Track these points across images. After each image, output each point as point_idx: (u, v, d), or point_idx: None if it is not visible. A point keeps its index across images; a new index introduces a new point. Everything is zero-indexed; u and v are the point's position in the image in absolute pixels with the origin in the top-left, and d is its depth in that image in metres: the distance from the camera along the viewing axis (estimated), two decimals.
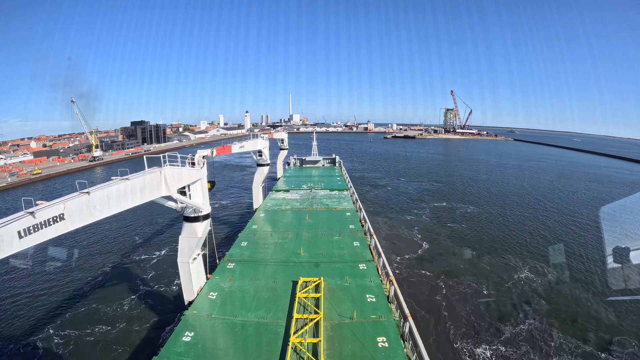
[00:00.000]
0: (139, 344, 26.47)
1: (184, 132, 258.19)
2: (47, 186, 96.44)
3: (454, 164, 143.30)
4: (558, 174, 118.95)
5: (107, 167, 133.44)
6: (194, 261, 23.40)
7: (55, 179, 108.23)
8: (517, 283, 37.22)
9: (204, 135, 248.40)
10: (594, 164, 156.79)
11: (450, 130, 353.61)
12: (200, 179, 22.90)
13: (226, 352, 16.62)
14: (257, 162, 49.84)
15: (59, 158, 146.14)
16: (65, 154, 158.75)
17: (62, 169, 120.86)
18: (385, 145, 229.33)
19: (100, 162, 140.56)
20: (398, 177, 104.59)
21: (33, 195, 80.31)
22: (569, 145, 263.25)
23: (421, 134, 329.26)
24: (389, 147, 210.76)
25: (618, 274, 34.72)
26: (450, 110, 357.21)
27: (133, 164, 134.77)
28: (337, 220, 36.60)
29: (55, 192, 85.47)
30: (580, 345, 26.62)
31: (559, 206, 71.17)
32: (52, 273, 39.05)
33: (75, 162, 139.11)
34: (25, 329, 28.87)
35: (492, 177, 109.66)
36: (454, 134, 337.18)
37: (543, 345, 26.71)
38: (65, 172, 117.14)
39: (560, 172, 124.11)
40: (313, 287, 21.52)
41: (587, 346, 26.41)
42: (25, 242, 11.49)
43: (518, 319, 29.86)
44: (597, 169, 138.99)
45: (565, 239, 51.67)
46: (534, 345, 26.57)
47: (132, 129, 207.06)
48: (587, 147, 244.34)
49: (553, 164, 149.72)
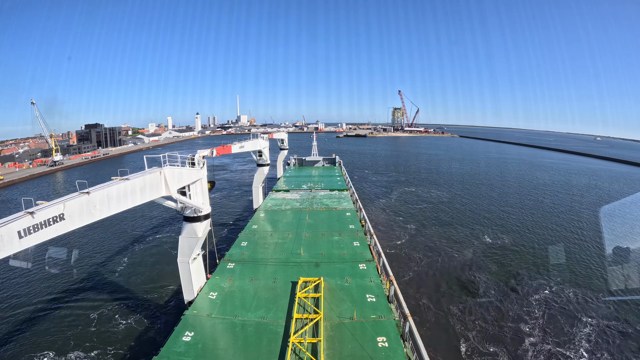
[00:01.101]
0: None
1: (134, 135, 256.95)
2: (11, 192, 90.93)
3: (409, 158, 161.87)
4: (489, 163, 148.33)
5: (70, 171, 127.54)
6: (194, 261, 23.41)
7: (18, 185, 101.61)
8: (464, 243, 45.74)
9: (157, 138, 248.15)
10: (529, 154, 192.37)
11: (398, 128, 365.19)
12: (200, 179, 22.92)
13: (226, 352, 16.62)
14: (257, 162, 49.85)
15: (14, 164, 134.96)
16: (20, 159, 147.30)
17: (23, 174, 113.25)
18: (339, 144, 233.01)
19: (61, 167, 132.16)
20: (362, 170, 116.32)
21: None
22: (507, 140, 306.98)
23: (372, 133, 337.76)
24: (343, 146, 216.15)
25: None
26: (398, 110, 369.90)
27: (97, 168, 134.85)
28: (337, 220, 36.61)
29: (22, 197, 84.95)
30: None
31: (494, 186, 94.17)
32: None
33: (34, 168, 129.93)
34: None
35: (441, 167, 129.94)
36: (403, 132, 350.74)
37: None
38: (28, 178, 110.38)
39: (490, 162, 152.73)
40: (313, 287, 21.53)
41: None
42: (25, 242, 11.49)
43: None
44: (530, 158, 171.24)
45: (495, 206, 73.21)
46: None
47: (86, 132, 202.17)
48: (524, 142, 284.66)
49: (489, 156, 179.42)
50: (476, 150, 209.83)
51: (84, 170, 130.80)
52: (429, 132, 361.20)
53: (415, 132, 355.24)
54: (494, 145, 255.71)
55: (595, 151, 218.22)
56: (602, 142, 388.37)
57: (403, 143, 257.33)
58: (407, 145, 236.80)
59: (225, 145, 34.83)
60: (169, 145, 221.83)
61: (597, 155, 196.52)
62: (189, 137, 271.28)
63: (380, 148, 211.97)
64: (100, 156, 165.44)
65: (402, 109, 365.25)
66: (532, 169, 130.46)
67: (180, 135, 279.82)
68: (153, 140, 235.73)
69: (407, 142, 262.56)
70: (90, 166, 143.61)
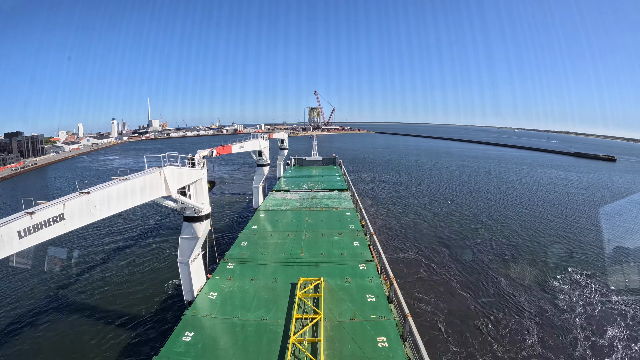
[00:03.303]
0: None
1: (47, 144, 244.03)
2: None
3: (325, 153, 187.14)
4: (394, 152, 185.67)
5: (1, 184, 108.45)
6: (194, 261, 23.40)
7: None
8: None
9: (77, 146, 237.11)
10: (444, 146, 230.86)
11: (315, 127, 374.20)
12: (200, 179, 22.92)
13: (226, 352, 16.62)
14: (257, 162, 49.86)
15: None
16: None
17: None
18: (272, 143, 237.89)
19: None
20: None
21: None
22: (425, 134, 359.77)
23: (293, 132, 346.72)
24: (274, 144, 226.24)
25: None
26: (314, 109, 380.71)
27: (23, 181, 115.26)
28: (337, 220, 36.61)
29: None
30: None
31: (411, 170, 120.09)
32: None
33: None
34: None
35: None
36: (321, 131, 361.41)
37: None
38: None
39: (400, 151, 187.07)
40: (313, 287, 21.53)
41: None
42: (25, 242, 11.49)
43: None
44: (445, 149, 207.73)
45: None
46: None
47: (7, 141, 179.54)
48: (442, 136, 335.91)
49: (398, 148, 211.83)
50: (395, 145, 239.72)
51: (14, 183, 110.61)
52: (345, 130, 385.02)
53: (332, 130, 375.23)
54: (413, 139, 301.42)
55: (499, 140, 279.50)
56: (519, 134, 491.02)
57: (320, 140, 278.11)
58: (324, 142, 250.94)
59: (225, 145, 34.88)
60: (92, 152, 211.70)
61: (494, 143, 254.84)
62: (109, 144, 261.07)
63: (304, 145, 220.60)
64: (29, 167, 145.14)
65: (319, 109, 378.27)
66: (436, 156, 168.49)
67: (100, 143, 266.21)
68: (74, 149, 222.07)
69: (324, 140, 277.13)
70: (16, 180, 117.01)
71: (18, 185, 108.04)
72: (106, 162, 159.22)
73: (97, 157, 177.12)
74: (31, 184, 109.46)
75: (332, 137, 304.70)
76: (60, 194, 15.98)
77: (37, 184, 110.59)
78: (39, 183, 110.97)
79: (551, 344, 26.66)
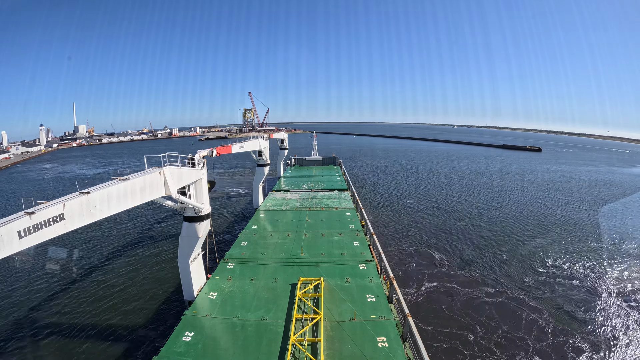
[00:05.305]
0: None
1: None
2: None
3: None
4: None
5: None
6: (194, 261, 23.39)
7: None
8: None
9: (7, 155, 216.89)
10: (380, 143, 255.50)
11: (250, 129, 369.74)
12: (200, 179, 22.92)
13: (226, 352, 16.62)
14: (257, 162, 49.86)
15: None
16: None
17: None
18: (209, 145, 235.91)
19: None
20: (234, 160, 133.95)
21: None
22: (366, 132, 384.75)
23: (231, 134, 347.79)
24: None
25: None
26: (248, 110, 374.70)
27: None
28: (337, 220, 36.59)
29: None
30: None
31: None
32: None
33: None
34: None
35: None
36: (257, 132, 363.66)
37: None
38: None
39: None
40: (313, 287, 21.52)
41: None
42: (25, 242, 11.49)
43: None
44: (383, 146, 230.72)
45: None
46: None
47: None
48: (380, 134, 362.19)
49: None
50: (329, 142, 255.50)
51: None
52: (281, 130, 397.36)
53: (268, 131, 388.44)
54: (349, 138, 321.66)
55: (430, 136, 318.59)
56: (456, 130, 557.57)
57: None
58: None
59: (225, 145, 34.90)
60: (24, 162, 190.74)
61: (426, 138, 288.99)
62: (40, 152, 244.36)
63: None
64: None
65: (253, 110, 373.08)
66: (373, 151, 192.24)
67: (30, 151, 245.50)
68: (5, 158, 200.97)
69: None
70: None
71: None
72: (46, 170, 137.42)
73: (32, 167, 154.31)
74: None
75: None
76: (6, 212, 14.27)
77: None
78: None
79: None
